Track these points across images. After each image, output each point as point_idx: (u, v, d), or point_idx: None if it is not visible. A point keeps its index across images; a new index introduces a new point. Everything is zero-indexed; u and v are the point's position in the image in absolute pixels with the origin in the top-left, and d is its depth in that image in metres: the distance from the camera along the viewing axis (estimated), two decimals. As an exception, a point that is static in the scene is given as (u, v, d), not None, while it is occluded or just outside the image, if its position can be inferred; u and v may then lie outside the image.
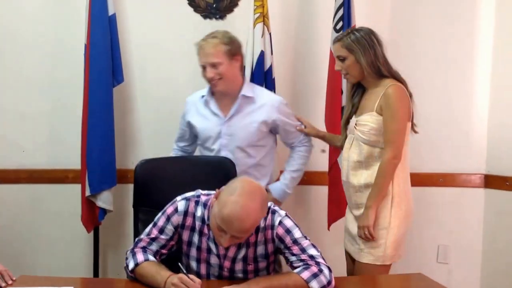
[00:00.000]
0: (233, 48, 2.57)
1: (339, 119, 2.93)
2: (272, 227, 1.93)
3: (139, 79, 2.83)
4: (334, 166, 3.00)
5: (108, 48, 2.94)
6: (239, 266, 1.97)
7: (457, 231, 3.36)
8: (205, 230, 1.95)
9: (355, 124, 2.45)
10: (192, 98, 2.75)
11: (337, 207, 3.01)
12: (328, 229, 3.02)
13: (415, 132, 2.49)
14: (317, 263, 1.87)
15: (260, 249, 1.96)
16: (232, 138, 2.62)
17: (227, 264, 1.97)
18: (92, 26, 2.90)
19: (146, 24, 2.75)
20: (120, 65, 3.01)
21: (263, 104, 2.63)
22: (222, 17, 3.22)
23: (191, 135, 2.77)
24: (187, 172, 2.50)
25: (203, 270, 2.01)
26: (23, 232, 3.20)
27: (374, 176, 2.38)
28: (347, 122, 2.55)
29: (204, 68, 2.56)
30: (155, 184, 2.42)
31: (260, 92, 2.69)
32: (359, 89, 2.53)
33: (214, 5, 3.21)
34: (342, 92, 2.96)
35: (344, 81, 2.93)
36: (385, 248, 2.40)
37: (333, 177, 3.01)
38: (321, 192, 3.15)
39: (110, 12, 2.95)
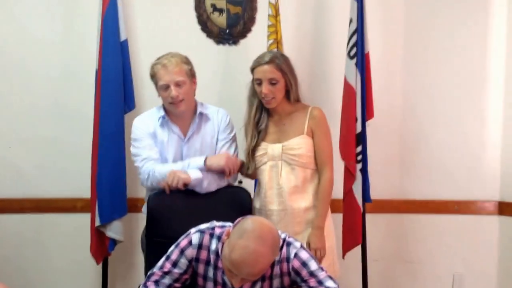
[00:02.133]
0: (192, 69, 2.55)
1: (354, 146, 2.93)
2: (288, 259, 1.89)
3: (151, 106, 2.78)
4: (349, 193, 2.95)
5: (120, 74, 2.91)
6: None
7: (472, 259, 3.32)
8: (219, 264, 1.89)
9: (282, 150, 2.49)
10: (145, 121, 2.58)
11: (352, 235, 2.96)
12: (343, 257, 2.97)
13: None
14: None
15: (276, 283, 1.91)
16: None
17: None
18: (104, 52, 2.87)
19: (158, 49, 2.70)
20: (132, 91, 2.97)
21: (215, 118, 2.61)
22: (235, 42, 3.21)
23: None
24: (201, 203, 2.44)
25: (219, 304, 1.95)
26: (28, 265, 3.13)
27: (311, 199, 2.50)
28: (254, 150, 2.55)
29: (166, 88, 2.47)
30: (168, 215, 2.37)
31: (210, 109, 2.64)
32: (263, 115, 2.57)
33: (227, 31, 3.20)
34: (356, 120, 2.93)
35: (358, 107, 2.92)
36: (334, 262, 2.58)
37: (348, 204, 2.96)
38: (336, 220, 3.10)
39: (122, 38, 2.93)
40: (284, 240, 1.91)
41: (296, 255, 1.89)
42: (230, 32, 3.20)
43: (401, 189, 3.31)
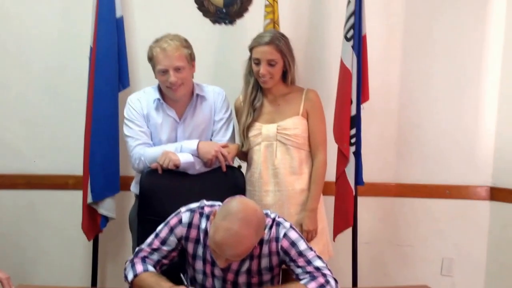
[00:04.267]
0: (192, 53, 2.50)
1: (348, 128, 2.92)
2: (277, 239, 1.90)
3: (146, 84, 2.77)
4: (341, 176, 2.96)
5: (115, 52, 2.88)
6: (242, 279, 1.94)
7: (462, 244, 3.34)
8: (208, 243, 1.90)
9: (277, 130, 2.50)
10: (140, 101, 2.54)
11: (343, 218, 2.98)
12: (334, 239, 2.98)
13: None
14: (324, 275, 1.86)
15: (265, 262, 1.93)
16: (190, 139, 2.54)
17: (230, 277, 1.93)
18: (99, 29, 2.84)
19: (153, 28, 2.69)
20: (127, 69, 2.96)
21: (211, 98, 2.59)
22: (231, 22, 3.18)
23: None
24: (195, 183, 2.44)
25: (208, 283, 1.96)
26: (20, 240, 3.13)
27: (306, 181, 2.52)
28: (248, 129, 2.56)
29: (164, 72, 2.43)
30: (160, 194, 2.38)
31: (206, 89, 2.62)
32: (259, 94, 2.56)
33: (224, 10, 3.16)
34: (351, 102, 2.92)
35: (354, 90, 2.91)
36: (327, 244, 2.63)
37: (340, 187, 2.97)
38: (328, 203, 3.11)
39: (118, 15, 2.90)
40: (273, 219, 1.92)
41: (285, 235, 1.90)
42: (226, 11, 3.17)
43: (393, 173, 3.33)
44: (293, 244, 1.89)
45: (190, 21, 3.12)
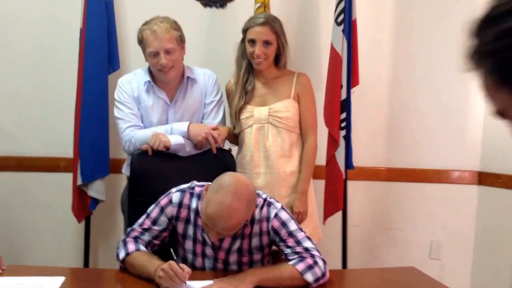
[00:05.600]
0: (182, 35, 2.49)
1: (338, 113, 2.93)
2: (268, 219, 1.92)
3: (136, 67, 2.76)
4: (331, 160, 2.98)
5: (105, 34, 2.87)
6: (233, 257, 1.97)
7: (451, 227, 3.37)
8: (199, 222, 1.93)
9: (268, 113, 2.52)
10: (131, 83, 2.53)
11: (333, 201, 3.00)
12: (324, 223, 3.01)
13: None
14: (312, 256, 1.88)
15: (255, 241, 1.95)
16: (181, 121, 2.54)
17: (221, 255, 1.96)
18: (89, 10, 2.82)
19: (144, 10, 2.68)
20: (117, 51, 2.95)
21: (201, 80, 2.59)
22: (222, 5, 3.16)
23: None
24: (185, 165, 2.45)
25: (198, 262, 1.99)
26: (11, 221, 3.13)
27: (297, 163, 2.55)
28: (240, 111, 2.57)
29: (155, 55, 2.41)
30: (151, 176, 2.38)
31: (197, 71, 2.61)
32: (250, 77, 2.58)
33: (215, -7, 3.15)
34: (341, 86, 2.93)
35: (344, 74, 2.92)
36: (317, 226, 2.67)
37: (330, 171, 2.99)
38: (318, 186, 3.13)
39: (108, -4, 2.88)
40: (265, 200, 1.95)
41: (276, 215, 1.92)
42: (217, -6, 3.16)
43: (383, 157, 3.35)
44: (283, 224, 1.92)
45: (181, 4, 3.10)
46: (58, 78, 3.09)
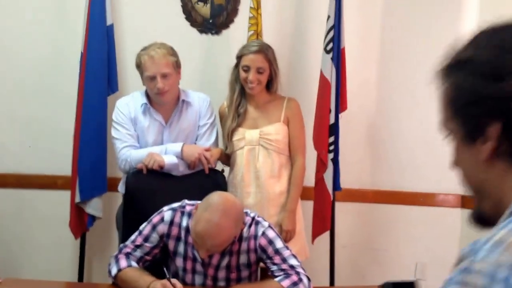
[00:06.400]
0: (178, 61, 2.61)
1: (327, 136, 3.03)
2: (255, 237, 2.00)
3: (134, 89, 2.87)
4: (320, 181, 3.07)
5: (105, 58, 2.99)
6: (222, 274, 2.03)
7: (435, 249, 3.43)
8: (190, 240, 2.00)
9: (259, 135, 2.62)
10: (128, 105, 2.64)
11: (321, 221, 3.08)
12: (312, 242, 3.09)
13: None
14: (297, 273, 1.95)
15: (243, 258, 2.03)
16: (176, 142, 2.64)
17: (210, 271, 2.03)
18: (90, 35, 2.94)
19: (143, 36, 2.81)
20: (116, 74, 3.06)
21: (196, 104, 2.69)
22: (218, 32, 3.28)
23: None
24: (178, 184, 2.55)
25: (188, 278, 2.06)
26: (9, 237, 3.19)
27: (286, 184, 2.65)
28: (233, 133, 2.67)
29: (152, 78, 2.52)
30: (145, 194, 2.46)
31: (192, 95, 2.73)
32: (243, 101, 2.69)
33: (211, 21, 3.26)
34: (330, 111, 3.04)
35: (333, 99, 3.03)
36: (304, 246, 2.74)
37: (319, 192, 3.08)
38: (306, 207, 3.22)
39: (108, 22, 3.01)
40: (253, 218, 2.03)
41: (263, 233, 2.00)
42: (213, 22, 3.26)
43: (370, 180, 3.43)
44: (270, 242, 1.99)
45: (178, 30, 3.22)
46: (58, 100, 3.19)
